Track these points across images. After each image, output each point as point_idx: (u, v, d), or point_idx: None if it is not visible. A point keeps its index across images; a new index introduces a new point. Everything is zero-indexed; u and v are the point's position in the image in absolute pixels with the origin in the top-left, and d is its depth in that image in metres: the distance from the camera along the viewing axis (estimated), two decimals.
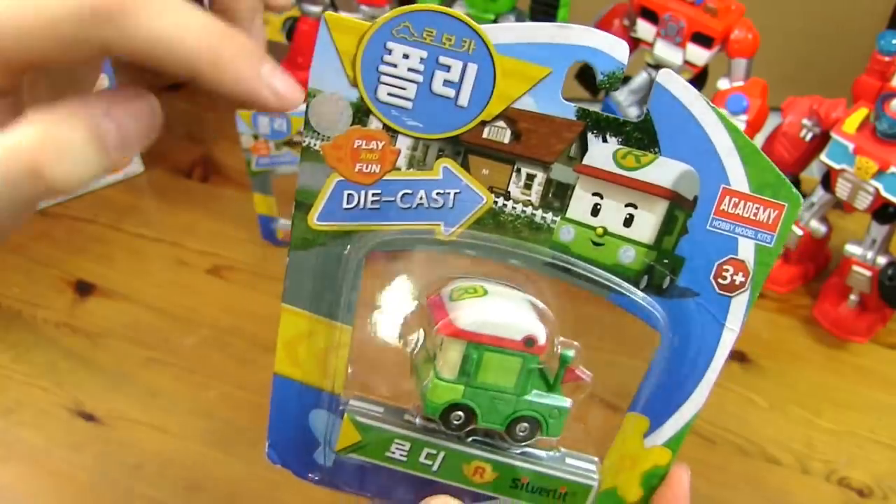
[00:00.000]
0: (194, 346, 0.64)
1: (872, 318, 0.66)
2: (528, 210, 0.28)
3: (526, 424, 0.31)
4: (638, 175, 0.28)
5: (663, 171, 0.28)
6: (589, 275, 0.30)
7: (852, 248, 0.64)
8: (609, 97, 0.77)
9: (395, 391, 0.32)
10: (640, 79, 0.74)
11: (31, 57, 0.24)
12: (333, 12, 0.27)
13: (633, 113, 0.76)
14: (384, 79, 0.27)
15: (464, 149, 0.28)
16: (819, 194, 0.66)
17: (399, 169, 0.28)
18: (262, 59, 0.25)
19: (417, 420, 0.31)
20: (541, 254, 0.29)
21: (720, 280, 0.29)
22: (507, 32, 0.26)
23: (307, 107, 0.27)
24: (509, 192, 0.28)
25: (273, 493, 0.55)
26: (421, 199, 0.28)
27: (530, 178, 0.28)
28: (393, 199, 0.28)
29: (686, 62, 0.68)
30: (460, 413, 0.30)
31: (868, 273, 0.63)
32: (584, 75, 0.78)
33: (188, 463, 0.57)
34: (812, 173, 0.68)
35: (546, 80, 0.27)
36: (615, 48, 0.27)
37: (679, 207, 0.28)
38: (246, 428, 0.59)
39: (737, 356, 0.65)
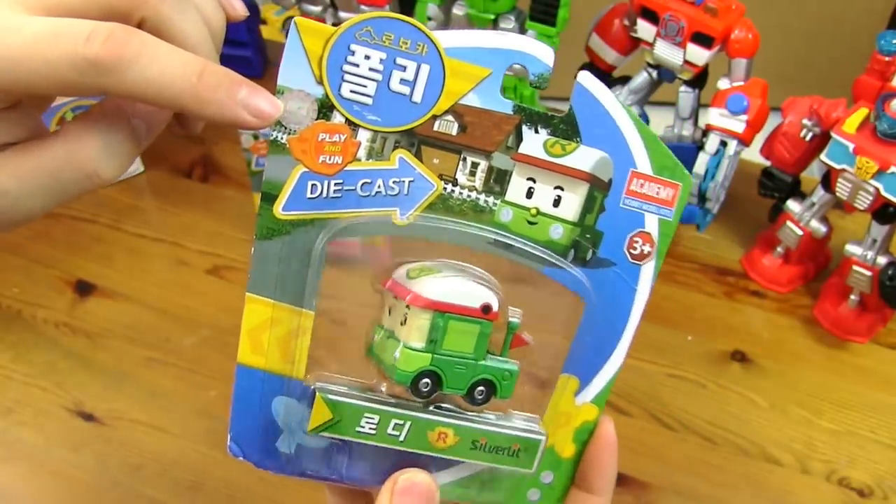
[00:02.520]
0: (194, 346, 0.64)
1: (872, 318, 0.66)
2: (473, 194, 0.32)
3: (483, 388, 0.33)
4: (564, 161, 0.32)
5: (584, 157, 0.32)
6: (527, 250, 0.33)
7: (852, 248, 0.64)
8: None
9: (355, 372, 0.34)
10: (641, 79, 0.74)
11: (29, 89, 0.27)
12: (303, 18, 0.29)
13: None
14: (347, 77, 0.30)
15: (417, 140, 0.31)
16: (819, 194, 0.66)
17: (359, 160, 0.30)
18: (239, 84, 0.28)
19: (384, 390, 0.33)
20: (485, 233, 0.32)
21: (632, 251, 0.34)
22: (455, 37, 0.30)
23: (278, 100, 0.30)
24: (457, 179, 0.31)
25: (273, 493, 0.55)
26: (379, 187, 0.31)
27: (475, 165, 0.31)
28: (353, 188, 0.31)
29: (686, 62, 0.68)
30: (428, 380, 0.32)
31: (868, 273, 0.63)
32: None
33: (188, 463, 0.57)
34: (812, 173, 0.68)
35: (487, 80, 0.30)
36: (543, 53, 0.31)
37: (597, 189, 0.33)
38: None
39: (737, 356, 0.65)
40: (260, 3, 0.88)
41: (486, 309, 0.33)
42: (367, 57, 0.29)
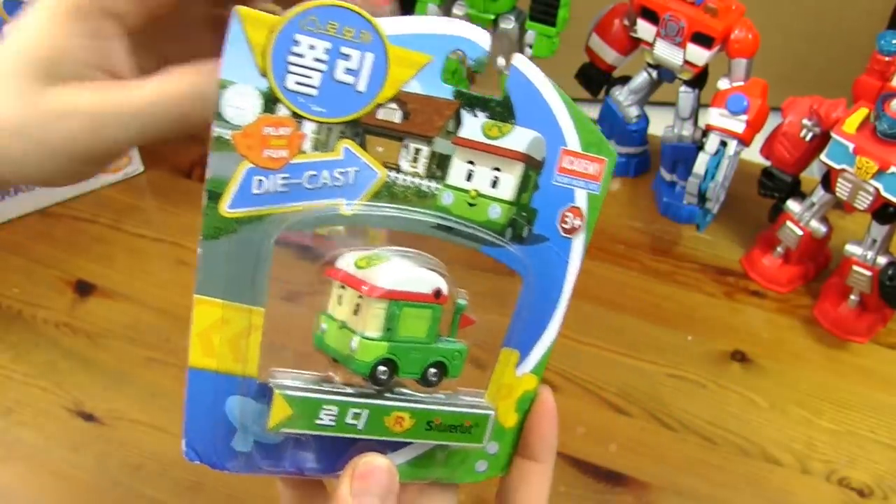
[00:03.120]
0: None
1: (872, 318, 0.66)
2: (416, 180, 0.32)
3: (436, 370, 0.34)
4: (500, 143, 0.33)
5: (519, 138, 0.33)
6: (467, 231, 0.33)
7: (852, 248, 0.64)
8: (609, 97, 0.77)
9: (306, 365, 0.34)
10: (641, 79, 0.74)
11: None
12: (245, 7, 0.28)
13: (632, 112, 0.76)
14: (292, 68, 0.29)
15: (361, 130, 0.31)
16: (819, 194, 0.66)
17: (304, 152, 0.30)
18: None
19: (338, 380, 0.33)
20: (429, 217, 0.33)
21: (563, 225, 0.35)
22: (397, 24, 0.30)
23: (219, 98, 0.29)
24: (400, 166, 0.32)
25: (273, 494, 0.55)
26: (325, 178, 0.31)
27: (417, 151, 0.32)
28: (300, 180, 0.30)
29: (686, 62, 0.68)
30: (385, 368, 0.33)
31: (868, 273, 0.63)
32: (584, 76, 0.78)
33: (188, 463, 0.57)
34: (812, 173, 0.68)
35: (428, 66, 0.31)
36: (480, 38, 0.31)
37: (531, 168, 0.34)
38: None
39: (737, 356, 0.65)
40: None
41: (438, 293, 0.33)
42: (312, 47, 0.29)
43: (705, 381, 0.63)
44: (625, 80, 0.76)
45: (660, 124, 0.75)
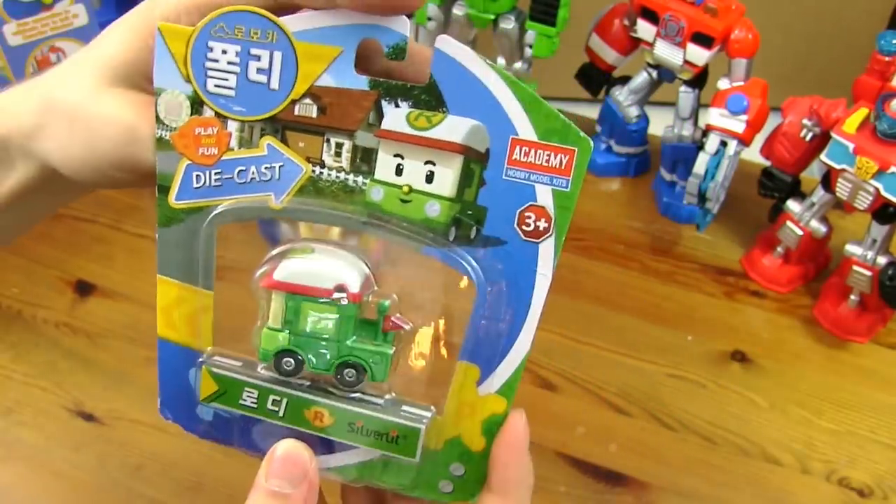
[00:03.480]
0: None
1: (872, 318, 0.66)
2: (342, 175, 0.32)
3: (352, 370, 0.33)
4: (430, 134, 0.30)
5: (453, 127, 0.30)
6: (402, 230, 0.32)
7: (852, 248, 0.64)
8: (609, 96, 0.77)
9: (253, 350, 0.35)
10: (641, 79, 0.74)
11: None
12: (164, 22, 0.31)
13: (632, 112, 0.76)
14: (210, 73, 0.31)
15: (281, 126, 0.31)
16: (819, 194, 0.66)
17: (233, 149, 0.32)
18: None
19: (262, 370, 0.34)
20: (357, 214, 0.32)
21: (524, 227, 0.31)
22: (302, 21, 0.30)
23: (155, 103, 0.32)
24: (323, 161, 0.31)
25: None
26: (253, 173, 0.32)
27: (339, 146, 0.31)
28: (231, 176, 0.32)
29: (686, 62, 0.68)
30: (290, 360, 0.33)
31: (868, 273, 0.63)
32: (584, 76, 0.78)
33: (188, 463, 0.57)
34: (812, 173, 0.68)
35: (339, 58, 0.30)
36: (394, 22, 0.30)
37: (473, 160, 0.31)
38: None
39: (737, 356, 0.65)
40: None
41: (340, 290, 0.32)
42: (224, 52, 0.31)
43: (705, 381, 0.63)
44: (625, 80, 0.76)
45: (660, 124, 0.75)
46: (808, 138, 0.64)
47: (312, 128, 0.31)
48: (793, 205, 0.67)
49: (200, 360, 0.35)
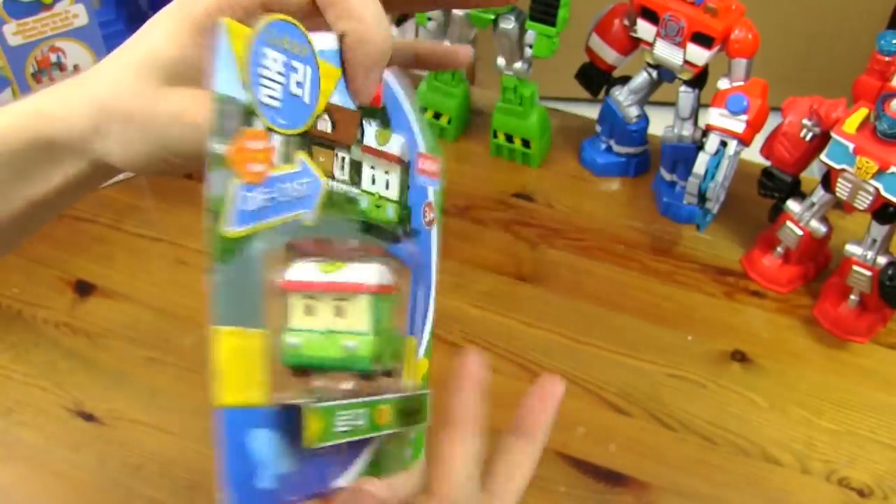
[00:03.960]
0: (194, 345, 0.64)
1: (872, 318, 0.66)
2: (345, 187, 0.33)
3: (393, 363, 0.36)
4: (385, 149, 0.35)
5: (395, 143, 0.36)
6: (385, 231, 0.36)
7: (852, 248, 0.64)
8: (609, 96, 0.77)
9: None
10: (641, 79, 0.74)
11: None
12: (232, 20, 0.28)
13: (632, 112, 0.76)
14: (263, 81, 0.29)
15: (308, 141, 0.31)
16: (819, 194, 0.65)
17: (276, 165, 0.30)
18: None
19: (344, 386, 0.34)
20: (356, 222, 0.35)
21: (425, 218, 0.38)
22: (319, 39, 0.31)
23: (212, 112, 0.28)
24: (334, 174, 0.33)
25: None
26: (291, 190, 0.31)
27: (343, 160, 0.33)
28: (276, 194, 0.30)
29: (686, 62, 0.68)
30: (377, 364, 0.34)
31: (868, 273, 0.63)
32: (584, 76, 0.78)
33: (188, 463, 0.57)
34: (812, 173, 0.68)
35: (340, 79, 0.32)
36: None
37: (404, 170, 0.37)
38: None
39: (737, 356, 0.65)
40: None
41: (393, 283, 0.36)
42: (275, 60, 0.29)
43: (705, 381, 0.63)
44: (625, 80, 0.76)
45: (660, 124, 0.75)
46: (808, 138, 0.64)
47: (328, 143, 0.32)
48: (793, 205, 0.67)
49: (295, 403, 0.31)
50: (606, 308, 0.68)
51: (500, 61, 0.75)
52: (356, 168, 0.34)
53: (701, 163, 0.69)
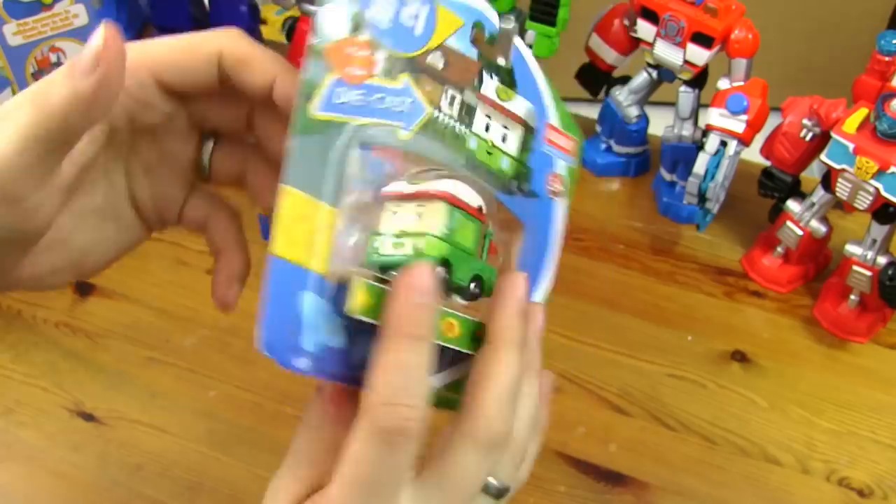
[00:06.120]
0: (194, 346, 0.64)
1: (872, 318, 0.66)
2: (452, 122, 0.36)
3: (477, 283, 0.36)
4: (507, 105, 0.38)
5: (520, 105, 0.38)
6: (490, 174, 0.37)
7: (852, 248, 0.64)
8: (609, 97, 0.77)
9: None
10: (641, 79, 0.74)
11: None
12: None
13: (632, 112, 0.76)
14: (375, 1, 0.34)
15: (416, 68, 0.35)
16: (819, 194, 0.65)
17: (377, 76, 0.34)
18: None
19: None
20: (458, 157, 0.36)
21: (549, 187, 0.40)
22: None
23: (317, 14, 0.33)
24: (440, 107, 0.36)
25: None
26: (388, 102, 0.34)
27: (452, 98, 0.36)
28: (371, 99, 0.34)
29: (686, 62, 0.68)
30: (442, 269, 0.34)
31: (868, 273, 0.63)
32: (584, 76, 0.78)
33: (188, 463, 0.57)
34: (812, 173, 0.68)
35: (461, 29, 0.36)
36: (494, 17, 0.37)
37: (528, 132, 0.39)
38: (246, 428, 0.59)
39: (737, 356, 0.65)
40: (260, 3, 0.88)
41: (480, 209, 0.36)
42: None
43: (705, 381, 0.63)
44: (625, 80, 0.76)
45: (660, 124, 0.75)
46: (808, 138, 0.64)
47: (438, 77, 0.35)
48: (793, 205, 0.67)
49: (353, 272, 0.33)
50: (606, 308, 0.68)
51: (501, 61, 0.75)
52: (468, 110, 0.36)
53: (701, 163, 0.69)
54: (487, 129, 0.37)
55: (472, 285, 0.35)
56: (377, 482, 0.31)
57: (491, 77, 0.37)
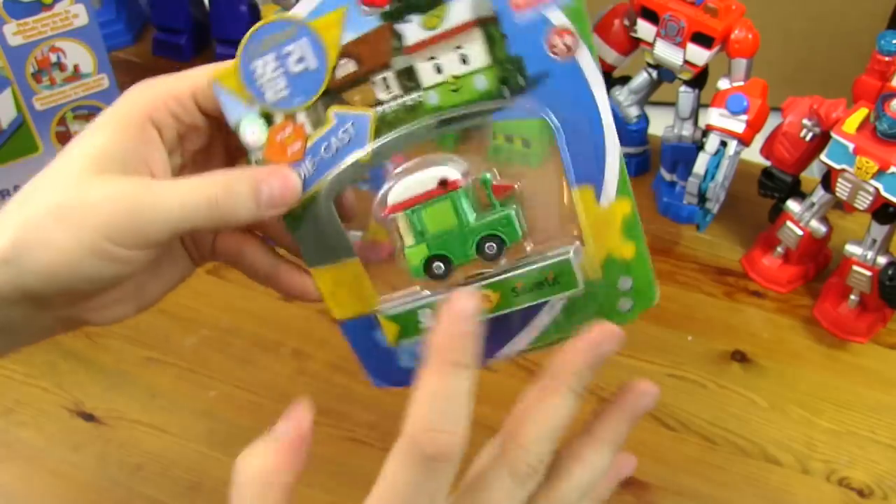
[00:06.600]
0: (194, 346, 0.64)
1: (872, 318, 0.66)
2: (399, 101, 0.35)
3: (490, 243, 0.36)
4: (445, 26, 0.34)
5: (458, 10, 0.34)
6: (468, 112, 0.35)
7: (852, 248, 0.64)
8: (609, 97, 0.77)
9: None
10: (641, 79, 0.74)
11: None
12: (215, 70, 0.35)
13: (632, 112, 0.76)
14: (264, 87, 0.35)
15: (333, 95, 0.35)
16: (819, 194, 0.66)
17: (310, 135, 0.36)
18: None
19: (423, 291, 0.38)
20: (427, 120, 0.35)
21: (556, 51, 0.34)
22: (305, 4, 0.34)
23: (239, 134, 0.36)
24: (380, 100, 0.35)
25: None
26: (335, 143, 0.36)
27: (384, 80, 0.35)
28: (320, 155, 0.36)
29: (686, 62, 0.68)
30: (439, 263, 0.37)
31: (868, 273, 0.63)
32: None
33: (188, 463, 0.57)
34: (812, 173, 0.68)
35: (348, 14, 0.34)
36: None
37: (488, 25, 0.34)
38: (246, 428, 0.59)
39: (737, 356, 0.65)
40: (260, 3, 0.88)
41: (444, 182, 0.36)
42: (265, 64, 0.35)
43: (705, 381, 0.63)
44: (625, 80, 0.76)
45: (660, 124, 0.75)
46: (808, 138, 0.64)
47: (357, 79, 0.35)
48: (793, 205, 0.67)
49: (374, 311, 0.39)
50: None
51: None
52: (408, 75, 0.35)
53: (701, 163, 0.69)
54: (439, 69, 0.35)
55: (486, 247, 0.36)
56: None
57: (408, 21, 0.34)
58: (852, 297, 0.65)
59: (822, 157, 0.62)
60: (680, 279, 0.71)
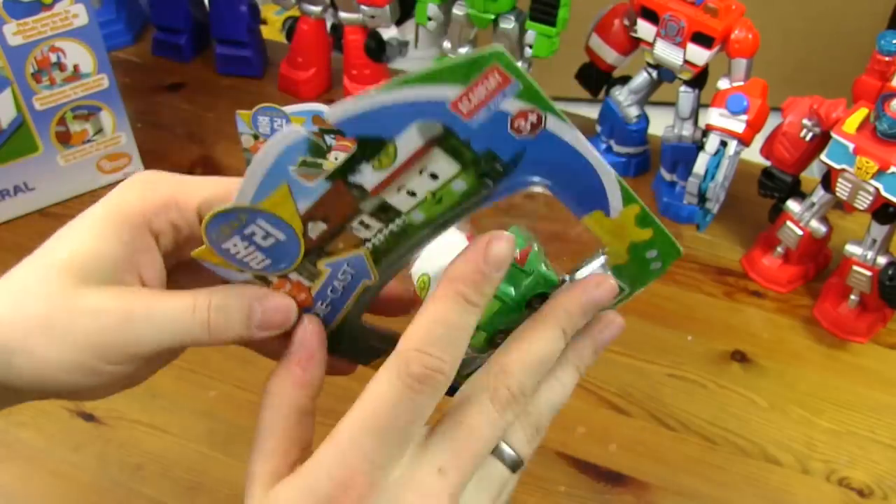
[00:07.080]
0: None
1: (872, 318, 0.66)
2: (384, 231, 0.34)
3: (537, 300, 0.37)
4: (400, 160, 0.31)
5: (406, 142, 0.31)
6: (460, 212, 0.34)
7: (852, 248, 0.64)
8: (609, 97, 0.77)
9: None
10: (641, 79, 0.74)
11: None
12: (198, 254, 0.33)
13: (632, 112, 0.76)
14: (245, 259, 0.34)
15: (314, 252, 0.34)
16: (819, 194, 0.66)
17: (310, 286, 0.35)
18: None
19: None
20: (424, 233, 0.34)
21: (520, 134, 0.32)
22: (250, 183, 0.33)
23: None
24: (366, 239, 0.34)
25: None
26: (338, 286, 0.36)
27: (361, 222, 0.33)
28: (327, 298, 0.36)
29: (686, 62, 0.68)
30: (501, 333, 0.37)
31: (868, 273, 0.63)
32: (584, 76, 0.78)
33: (188, 463, 0.57)
34: (812, 173, 0.68)
35: (292, 191, 0.32)
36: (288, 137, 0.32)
37: (444, 140, 0.31)
38: (246, 428, 0.59)
39: (737, 356, 0.65)
40: (260, 3, 0.88)
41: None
42: (235, 244, 0.33)
43: (705, 381, 0.63)
44: (625, 80, 0.76)
45: (660, 124, 0.75)
46: (808, 138, 0.64)
47: (335, 231, 0.34)
48: (793, 205, 0.67)
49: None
50: None
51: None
52: (383, 208, 0.33)
53: (701, 163, 0.69)
54: (413, 193, 0.33)
55: (534, 305, 0.36)
56: (391, 425, 0.31)
57: (359, 167, 0.31)
58: (852, 297, 0.65)
59: (822, 157, 0.62)
60: (680, 279, 0.71)
